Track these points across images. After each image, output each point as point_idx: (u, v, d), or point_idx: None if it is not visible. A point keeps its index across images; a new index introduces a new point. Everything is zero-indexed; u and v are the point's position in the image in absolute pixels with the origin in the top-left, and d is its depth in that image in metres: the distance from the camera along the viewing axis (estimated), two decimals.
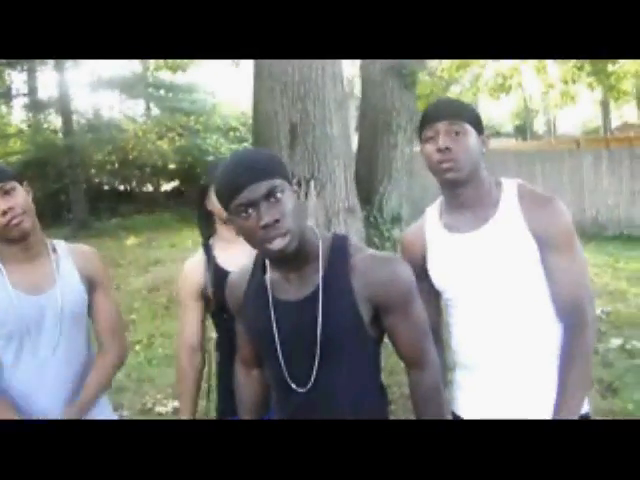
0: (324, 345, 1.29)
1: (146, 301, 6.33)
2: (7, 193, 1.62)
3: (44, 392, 1.68)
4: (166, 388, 4.02)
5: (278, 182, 1.23)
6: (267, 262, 1.39)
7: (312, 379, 1.31)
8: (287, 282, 1.35)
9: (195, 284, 1.89)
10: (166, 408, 3.74)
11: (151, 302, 6.28)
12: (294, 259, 1.29)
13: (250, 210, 1.22)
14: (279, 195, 1.22)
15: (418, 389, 1.37)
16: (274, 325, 1.33)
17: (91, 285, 1.79)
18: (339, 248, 1.35)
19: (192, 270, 1.91)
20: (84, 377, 1.75)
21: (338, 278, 1.31)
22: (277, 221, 1.21)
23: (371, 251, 1.39)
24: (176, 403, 3.75)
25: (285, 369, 1.34)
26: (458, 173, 1.50)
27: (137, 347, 5.03)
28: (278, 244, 1.22)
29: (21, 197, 1.65)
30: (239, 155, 1.30)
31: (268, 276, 1.38)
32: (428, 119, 1.54)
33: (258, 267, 1.42)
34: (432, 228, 1.64)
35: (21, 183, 1.69)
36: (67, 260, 1.76)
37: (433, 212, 1.68)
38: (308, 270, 1.33)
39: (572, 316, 1.48)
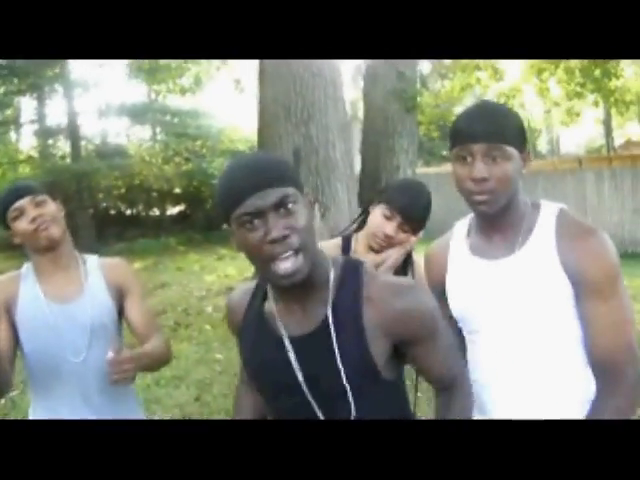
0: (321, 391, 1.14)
1: None
2: (38, 205, 1.72)
3: (72, 401, 1.72)
4: (173, 408, 4.05)
5: (291, 191, 1.04)
6: (268, 286, 1.20)
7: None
8: (289, 313, 1.15)
9: None
10: None
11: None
12: (301, 286, 1.09)
13: (256, 221, 1.02)
14: (291, 206, 1.03)
15: (448, 412, 1.22)
16: (268, 364, 1.17)
17: (122, 294, 1.84)
18: (351, 275, 1.15)
19: None
20: (114, 388, 1.74)
21: (347, 312, 1.11)
22: (286, 237, 1.02)
23: (387, 278, 1.21)
24: None
25: (277, 405, 1.22)
26: (493, 206, 1.28)
27: None
28: (288, 266, 1.03)
29: (51, 208, 1.74)
30: (245, 158, 1.10)
31: (269, 304, 1.19)
32: (461, 137, 1.27)
33: (260, 290, 1.23)
34: (456, 247, 1.44)
35: (54, 201, 1.79)
36: (96, 273, 1.82)
37: (461, 228, 1.46)
38: (315, 300, 1.13)
39: (606, 377, 1.25)
